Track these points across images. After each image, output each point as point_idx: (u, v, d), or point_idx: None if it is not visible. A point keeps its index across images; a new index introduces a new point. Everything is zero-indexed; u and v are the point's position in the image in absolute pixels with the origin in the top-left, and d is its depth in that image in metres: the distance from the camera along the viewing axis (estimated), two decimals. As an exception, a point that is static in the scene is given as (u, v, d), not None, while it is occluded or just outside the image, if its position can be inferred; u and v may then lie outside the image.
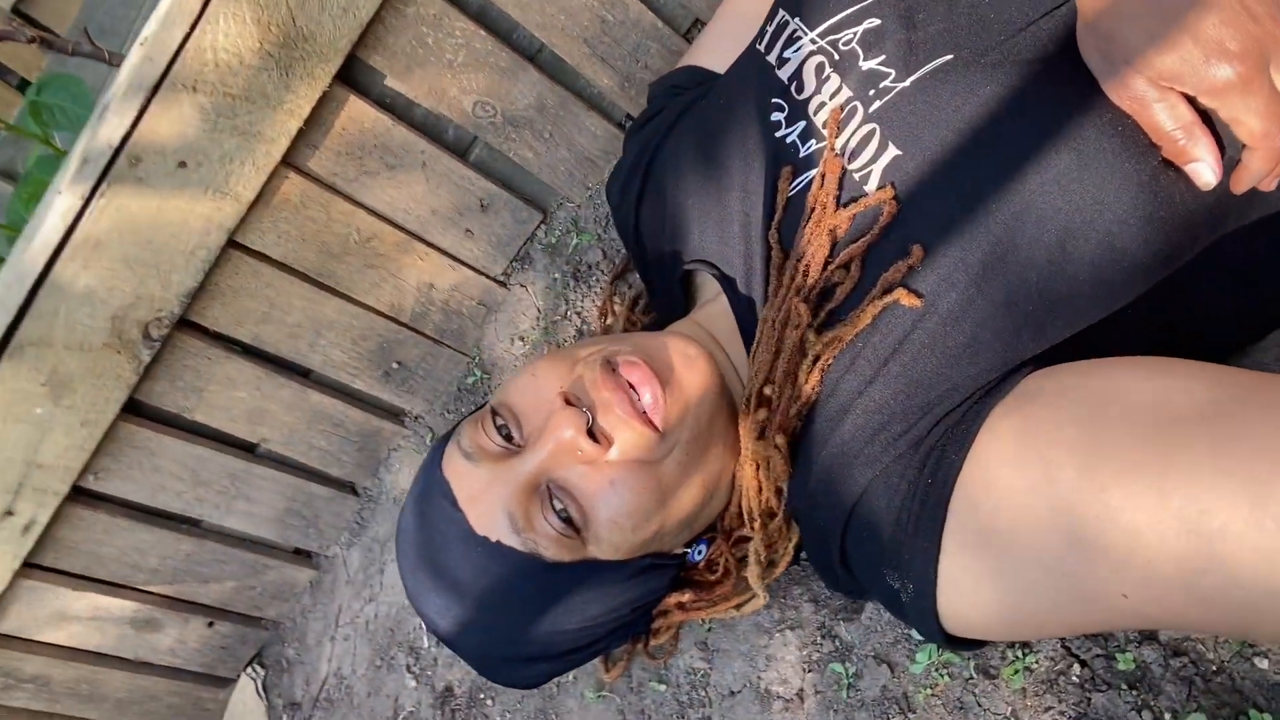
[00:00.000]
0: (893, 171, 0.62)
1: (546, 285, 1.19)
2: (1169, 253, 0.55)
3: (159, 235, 0.95)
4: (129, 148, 0.89)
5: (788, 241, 0.68)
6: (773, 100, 0.72)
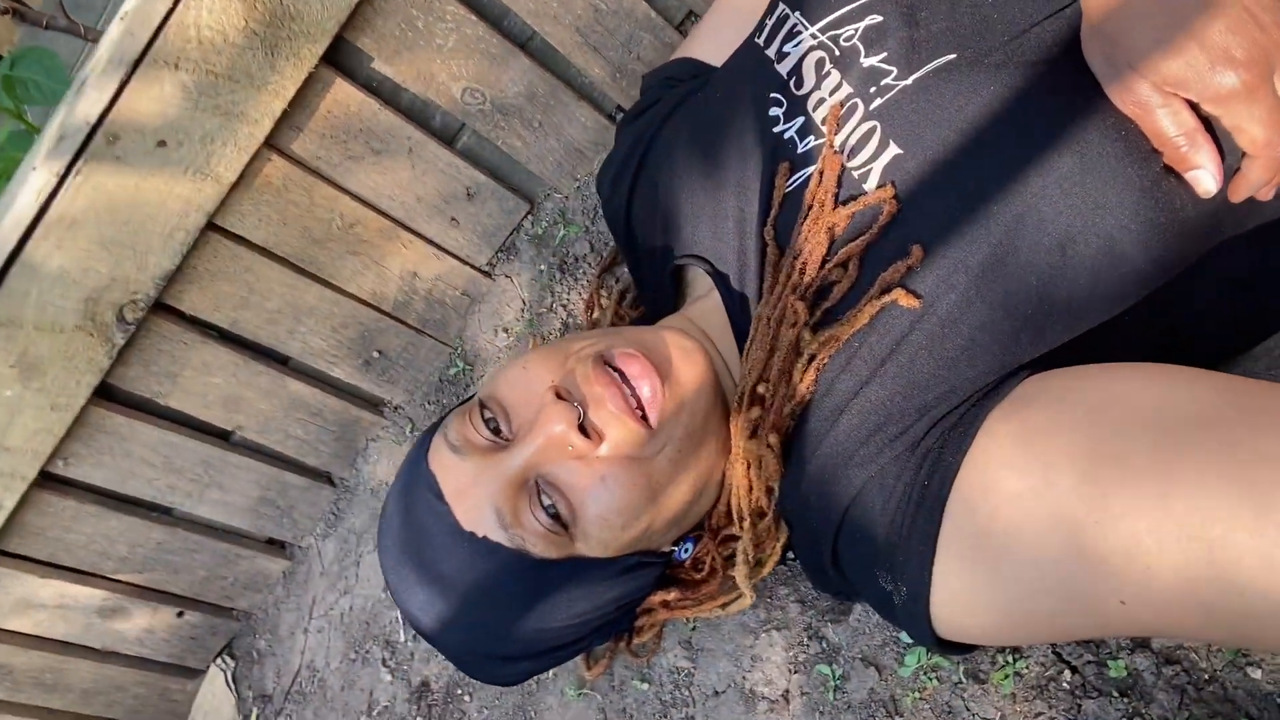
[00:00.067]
0: (893, 170, 0.61)
1: (532, 277, 1.18)
2: (1169, 259, 0.55)
3: (136, 215, 0.93)
4: (107, 125, 0.87)
5: (784, 238, 0.68)
6: (771, 95, 0.71)
